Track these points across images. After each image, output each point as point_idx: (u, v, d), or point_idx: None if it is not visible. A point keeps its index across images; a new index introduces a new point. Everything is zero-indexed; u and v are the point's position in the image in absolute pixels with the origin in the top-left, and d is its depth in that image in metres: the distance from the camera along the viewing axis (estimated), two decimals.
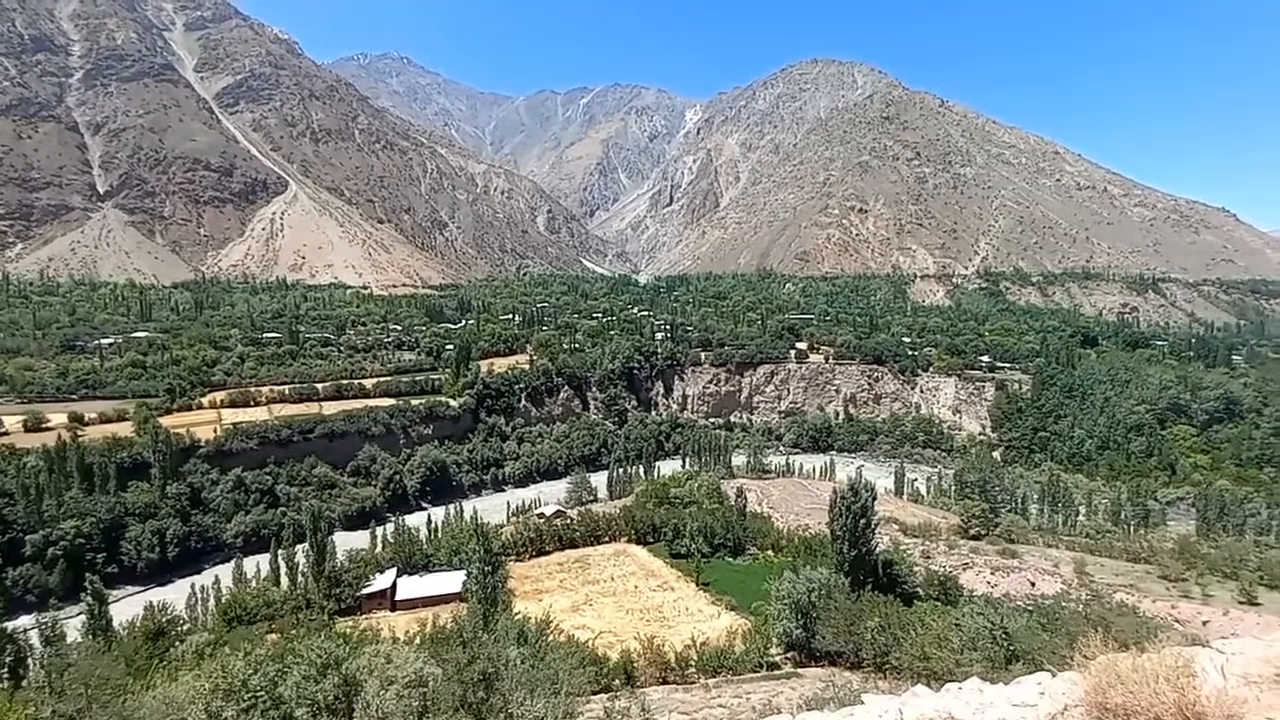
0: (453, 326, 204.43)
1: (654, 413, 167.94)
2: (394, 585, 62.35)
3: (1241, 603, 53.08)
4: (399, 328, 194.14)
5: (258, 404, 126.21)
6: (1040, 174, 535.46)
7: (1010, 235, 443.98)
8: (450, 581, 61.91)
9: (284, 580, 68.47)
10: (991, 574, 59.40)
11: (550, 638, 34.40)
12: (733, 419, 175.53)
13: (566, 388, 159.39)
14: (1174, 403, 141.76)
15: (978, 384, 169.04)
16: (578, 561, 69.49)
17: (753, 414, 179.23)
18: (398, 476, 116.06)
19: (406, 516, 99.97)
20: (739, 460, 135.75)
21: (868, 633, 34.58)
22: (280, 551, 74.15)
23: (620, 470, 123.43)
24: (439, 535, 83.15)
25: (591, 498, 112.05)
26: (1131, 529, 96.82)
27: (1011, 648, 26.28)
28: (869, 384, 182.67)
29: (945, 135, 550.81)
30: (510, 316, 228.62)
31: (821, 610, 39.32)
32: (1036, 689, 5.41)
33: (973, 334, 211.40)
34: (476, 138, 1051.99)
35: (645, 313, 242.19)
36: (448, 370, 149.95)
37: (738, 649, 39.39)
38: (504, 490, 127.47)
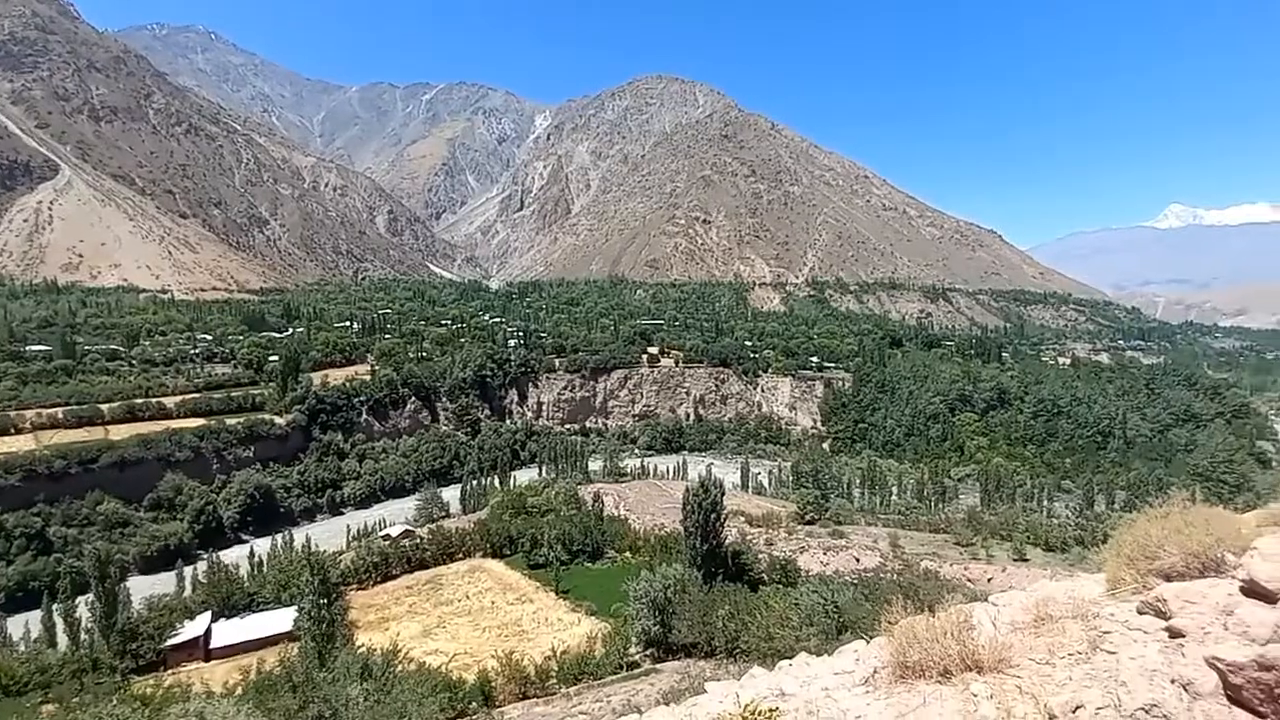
0: (277, 335, 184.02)
1: (509, 421, 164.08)
2: (208, 631, 54.69)
3: (1015, 560, 63.54)
4: (209, 337, 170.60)
5: (20, 431, 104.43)
6: (854, 195, 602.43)
7: (832, 249, 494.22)
8: (279, 620, 55.62)
9: (62, 640, 57.45)
10: (824, 554, 65.37)
11: (399, 668, 32.22)
12: (588, 424, 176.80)
13: (414, 399, 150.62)
14: (961, 394, 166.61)
15: (809, 382, 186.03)
16: (429, 583, 65.67)
17: (608, 419, 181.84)
18: (210, 507, 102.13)
19: (223, 552, 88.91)
20: (596, 465, 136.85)
21: (719, 621, 36.49)
22: (56, 606, 61.86)
23: (474, 482, 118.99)
24: (264, 570, 74.38)
25: (443, 513, 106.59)
26: (933, 504, 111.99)
27: (841, 620, 29.19)
28: (716, 386, 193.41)
29: (776, 155, 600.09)
30: (347, 324, 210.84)
31: (677, 605, 40.79)
32: (854, 657, 6.05)
33: (804, 337, 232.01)
34: (303, 128, 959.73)
35: (497, 319, 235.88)
36: (272, 384, 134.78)
37: (598, 653, 39.60)
38: (343, 513, 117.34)
